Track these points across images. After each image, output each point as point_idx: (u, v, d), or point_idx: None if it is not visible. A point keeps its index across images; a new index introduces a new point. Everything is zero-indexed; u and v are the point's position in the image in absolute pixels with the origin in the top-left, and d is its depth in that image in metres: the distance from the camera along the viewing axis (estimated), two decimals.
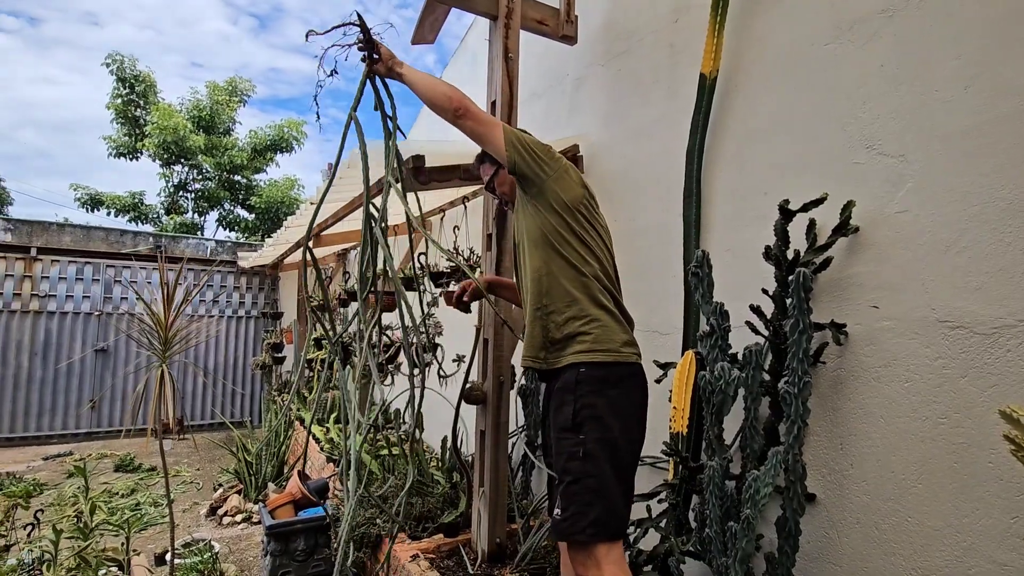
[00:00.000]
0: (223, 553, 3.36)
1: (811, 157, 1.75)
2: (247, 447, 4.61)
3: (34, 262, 6.92)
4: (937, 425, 1.41)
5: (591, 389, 1.47)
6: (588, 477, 1.41)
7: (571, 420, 1.46)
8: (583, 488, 1.40)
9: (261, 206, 12.57)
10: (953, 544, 1.36)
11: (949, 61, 1.43)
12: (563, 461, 1.46)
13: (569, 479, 1.43)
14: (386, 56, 1.65)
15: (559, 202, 1.58)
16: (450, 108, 1.59)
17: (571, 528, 1.40)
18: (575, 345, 1.51)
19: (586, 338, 1.51)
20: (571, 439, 1.45)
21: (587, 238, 1.60)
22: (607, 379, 1.49)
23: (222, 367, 8.02)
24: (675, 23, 2.32)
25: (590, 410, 1.45)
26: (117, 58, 11.57)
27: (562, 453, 1.47)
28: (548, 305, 1.56)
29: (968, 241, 1.37)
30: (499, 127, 1.61)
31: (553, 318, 1.54)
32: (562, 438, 1.48)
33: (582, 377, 1.48)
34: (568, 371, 1.51)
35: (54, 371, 6.93)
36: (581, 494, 1.40)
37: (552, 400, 1.58)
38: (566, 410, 1.48)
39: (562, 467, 1.46)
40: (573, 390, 1.48)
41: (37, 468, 5.67)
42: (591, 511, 1.39)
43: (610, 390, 1.48)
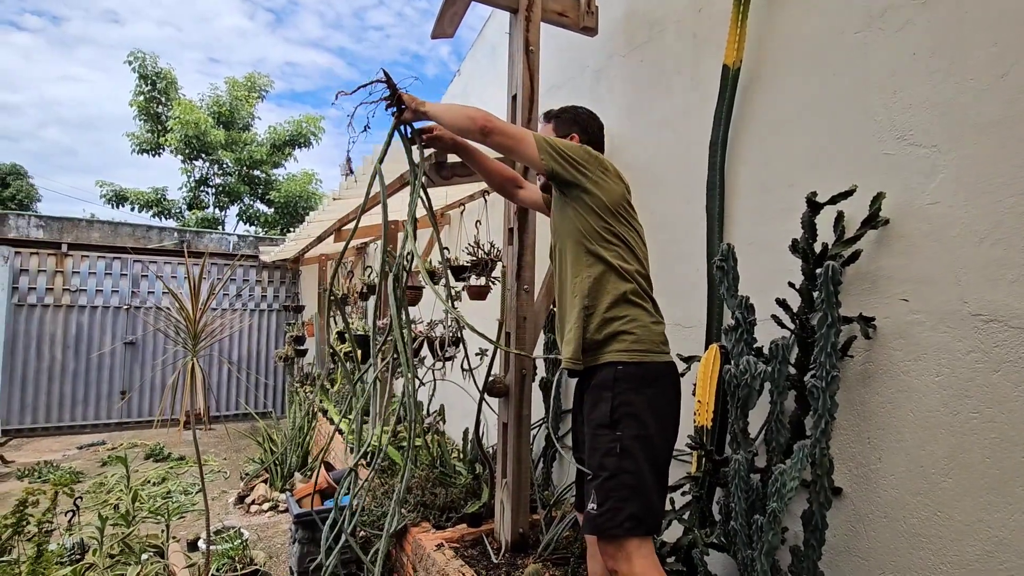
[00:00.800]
0: (252, 540, 3.46)
1: (839, 148, 1.73)
2: (273, 438, 4.72)
3: (65, 258, 7.12)
4: (969, 420, 1.39)
5: (629, 387, 1.48)
6: (624, 473, 1.42)
7: (608, 417, 1.47)
8: (619, 484, 1.42)
9: (280, 200, 12.74)
10: (984, 539, 1.35)
11: (985, 49, 1.39)
12: (599, 457, 1.47)
13: (605, 475, 1.44)
14: (409, 101, 1.72)
15: (600, 204, 1.59)
16: (475, 128, 1.61)
17: (607, 523, 1.41)
18: (615, 344, 1.52)
19: (627, 337, 1.51)
20: (607, 435, 1.46)
21: (628, 237, 1.61)
22: (645, 377, 1.50)
23: (245, 359, 8.19)
24: (698, 12, 2.29)
25: (627, 407, 1.46)
26: (139, 56, 11.78)
27: (598, 449, 1.48)
28: (590, 307, 1.55)
29: (1003, 233, 1.34)
30: (529, 136, 1.61)
31: (594, 319, 1.54)
32: (598, 434, 1.49)
33: (620, 374, 1.49)
34: (605, 368, 1.52)
35: (86, 363, 7.15)
36: (617, 489, 1.41)
37: (587, 397, 1.58)
38: (603, 407, 1.49)
39: (598, 463, 1.47)
40: (611, 387, 1.49)
41: (72, 457, 5.87)
42: (627, 506, 1.40)
43: (647, 388, 1.49)
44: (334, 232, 4.97)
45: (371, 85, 1.69)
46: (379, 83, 1.69)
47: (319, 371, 6.35)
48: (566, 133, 1.84)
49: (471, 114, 1.63)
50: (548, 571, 2.16)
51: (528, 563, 2.23)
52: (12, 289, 6.77)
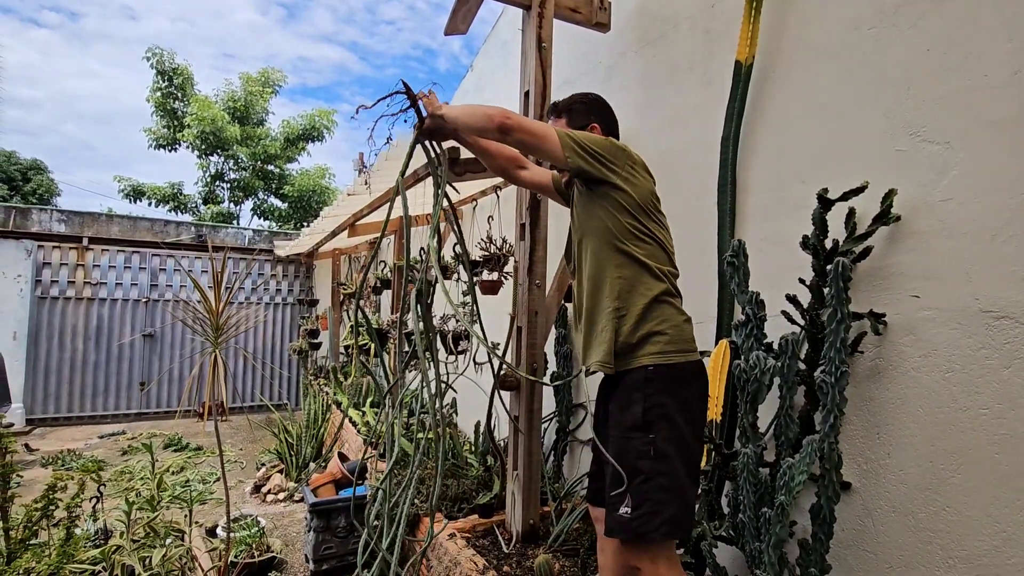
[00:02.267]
0: (268, 528, 3.54)
1: (851, 145, 1.73)
2: (288, 429, 4.81)
3: (86, 251, 7.28)
4: (978, 416, 1.40)
5: (661, 388, 1.44)
6: (661, 475, 1.38)
7: (641, 419, 1.42)
8: (655, 486, 1.37)
9: (294, 195, 12.86)
10: (992, 534, 1.36)
11: (1001, 45, 1.39)
12: (632, 459, 1.41)
13: (640, 478, 1.38)
14: (426, 105, 1.68)
15: (630, 201, 1.53)
16: (492, 127, 1.53)
17: (643, 527, 1.36)
18: (649, 346, 1.47)
19: (661, 338, 1.47)
20: (640, 438, 1.41)
21: (659, 235, 1.56)
22: (677, 378, 1.45)
23: (261, 352, 8.33)
24: (711, 8, 2.29)
25: (660, 409, 1.42)
26: (156, 51, 11.92)
27: (630, 452, 1.42)
28: (622, 308, 1.49)
29: (1015, 230, 1.34)
30: (552, 132, 1.53)
31: (627, 321, 1.48)
32: (630, 437, 1.43)
33: (651, 375, 1.44)
34: (636, 370, 1.46)
35: (106, 355, 7.32)
36: (653, 492, 1.37)
37: (615, 398, 1.52)
38: (635, 409, 1.43)
39: (632, 465, 1.40)
40: (642, 388, 1.44)
41: (94, 445, 6.03)
42: (664, 510, 1.36)
43: (680, 389, 1.45)
44: (348, 227, 5.03)
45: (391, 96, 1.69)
46: (399, 94, 1.69)
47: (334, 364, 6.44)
48: (584, 124, 1.72)
49: (488, 112, 1.55)
50: (558, 562, 2.19)
51: (538, 553, 2.27)
52: (35, 282, 6.94)
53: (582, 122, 1.72)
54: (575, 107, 1.76)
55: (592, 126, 1.72)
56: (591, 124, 1.72)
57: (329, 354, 7.19)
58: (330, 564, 2.93)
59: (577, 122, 1.72)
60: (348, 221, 5.01)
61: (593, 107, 1.77)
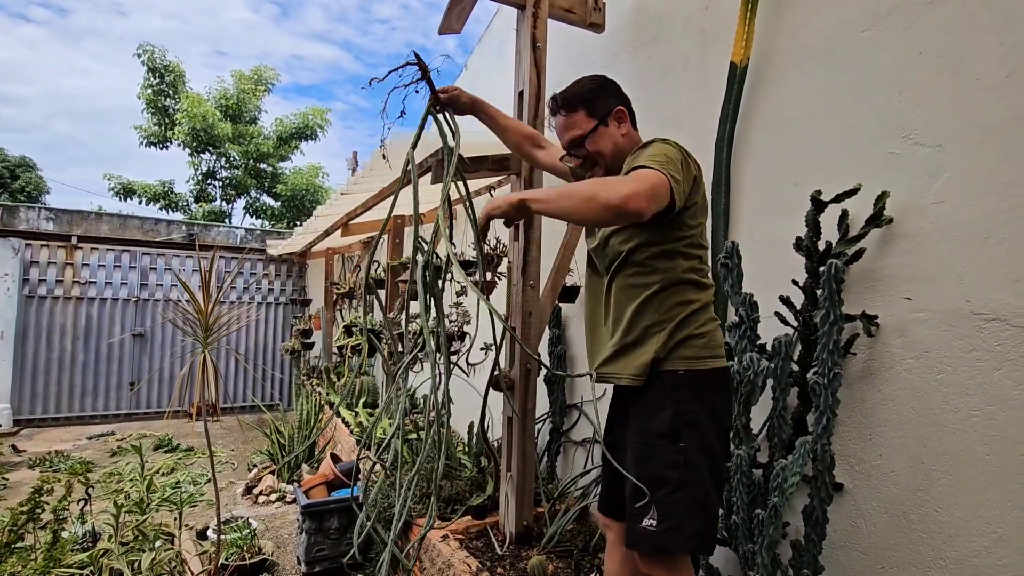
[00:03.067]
0: (260, 530, 3.51)
1: (844, 147, 1.74)
2: (280, 430, 4.77)
3: (75, 250, 7.20)
4: (969, 417, 1.41)
5: (691, 394, 1.36)
6: (689, 486, 1.30)
7: (669, 426, 1.33)
8: (683, 498, 1.29)
9: (286, 194, 12.80)
10: (983, 535, 1.37)
11: (993, 48, 1.40)
12: (658, 468, 1.33)
13: (668, 488, 1.30)
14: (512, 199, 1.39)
15: (691, 216, 1.40)
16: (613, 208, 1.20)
17: (670, 540, 1.28)
18: (684, 350, 1.38)
19: (697, 342, 1.38)
20: (668, 446, 1.33)
21: (702, 243, 1.46)
22: (706, 384, 1.37)
23: (252, 352, 8.27)
24: (706, 9, 2.29)
25: (689, 416, 1.33)
26: (148, 48, 11.83)
27: (655, 459, 1.34)
28: (665, 322, 1.38)
29: (1007, 233, 1.35)
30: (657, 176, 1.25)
31: (667, 333, 1.37)
32: (657, 444, 1.35)
33: (682, 380, 1.36)
34: (666, 374, 1.37)
35: (95, 354, 7.24)
36: (681, 504, 1.29)
37: (638, 403, 1.42)
38: (663, 415, 1.35)
39: (657, 475, 1.32)
40: (671, 394, 1.36)
41: (83, 447, 5.96)
42: (691, 523, 1.29)
43: (710, 395, 1.37)
44: (341, 226, 5.00)
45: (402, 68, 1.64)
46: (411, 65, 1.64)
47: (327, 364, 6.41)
48: (607, 112, 1.50)
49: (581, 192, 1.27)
50: (552, 563, 2.19)
51: (532, 555, 2.26)
52: (23, 281, 6.85)
53: (606, 109, 1.50)
54: (592, 95, 1.51)
55: (618, 109, 1.51)
56: (616, 108, 1.51)
57: (322, 354, 7.15)
58: (322, 566, 2.91)
59: (599, 111, 1.49)
60: (341, 220, 4.98)
61: (610, 89, 1.55)
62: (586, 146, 1.50)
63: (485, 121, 1.85)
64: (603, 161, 1.51)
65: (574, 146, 1.52)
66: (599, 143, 1.50)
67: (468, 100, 1.78)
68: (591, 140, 1.50)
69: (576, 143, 1.51)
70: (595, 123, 1.49)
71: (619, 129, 1.51)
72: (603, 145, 1.50)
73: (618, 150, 1.50)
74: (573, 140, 1.52)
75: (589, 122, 1.50)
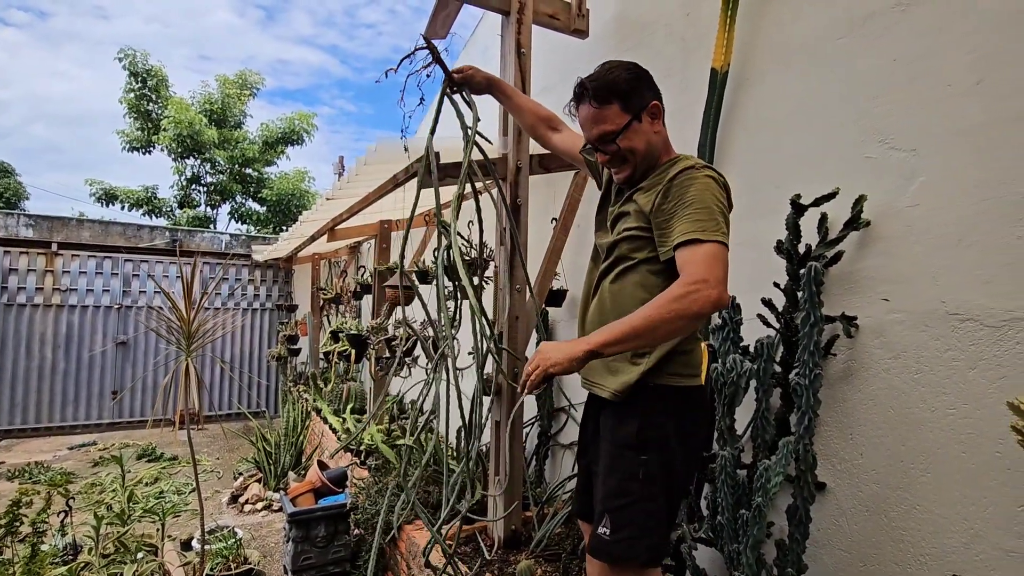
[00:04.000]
0: (246, 539, 3.46)
1: (823, 151, 1.77)
2: (266, 437, 4.72)
3: (55, 257, 7.08)
4: (946, 416, 1.44)
5: (662, 408, 1.34)
6: (647, 501, 1.29)
7: (635, 437, 1.32)
8: (640, 512, 1.29)
9: (272, 199, 12.69)
10: (961, 531, 1.40)
11: (963, 56, 1.44)
12: (619, 479, 1.32)
13: (625, 500, 1.30)
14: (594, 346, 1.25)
15: None
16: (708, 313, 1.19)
17: (626, 552, 1.29)
18: (665, 366, 1.34)
19: (679, 359, 1.35)
20: (632, 457, 1.32)
21: None
22: (682, 401, 1.35)
23: (238, 358, 8.18)
24: (687, 16, 2.32)
25: (657, 430, 1.32)
26: (129, 52, 11.68)
27: (618, 469, 1.33)
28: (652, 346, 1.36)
29: (979, 235, 1.39)
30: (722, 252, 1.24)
31: (654, 355, 1.34)
32: (622, 454, 1.34)
33: (653, 394, 1.34)
34: (639, 387, 1.35)
35: (76, 363, 7.11)
36: (637, 517, 1.29)
37: (608, 411, 1.42)
38: (630, 426, 1.33)
39: (617, 485, 1.32)
40: (641, 405, 1.34)
41: (63, 457, 5.84)
42: (646, 537, 1.29)
43: (682, 412, 1.35)
44: (327, 231, 4.97)
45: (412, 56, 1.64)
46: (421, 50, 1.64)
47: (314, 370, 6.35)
48: (643, 106, 1.38)
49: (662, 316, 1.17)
50: (540, 567, 2.19)
51: (520, 559, 2.26)
52: (1, 289, 6.72)
53: (641, 104, 1.38)
54: (629, 87, 1.37)
55: (653, 104, 1.40)
56: (652, 103, 1.40)
57: (309, 360, 7.09)
58: (309, 575, 2.88)
59: (635, 106, 1.37)
60: (327, 225, 4.94)
61: (645, 80, 1.41)
62: (618, 143, 1.37)
63: (501, 100, 1.83)
64: (633, 160, 1.40)
65: (604, 142, 1.39)
66: (633, 140, 1.37)
67: (484, 79, 1.75)
68: (624, 137, 1.36)
69: (608, 139, 1.38)
70: (629, 118, 1.36)
71: (652, 126, 1.40)
72: (636, 143, 1.38)
73: (651, 149, 1.40)
74: (604, 135, 1.38)
75: (623, 117, 1.36)
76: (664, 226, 1.31)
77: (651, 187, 1.37)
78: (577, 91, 1.42)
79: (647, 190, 1.38)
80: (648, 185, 1.39)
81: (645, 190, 1.38)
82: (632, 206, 1.41)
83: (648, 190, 1.37)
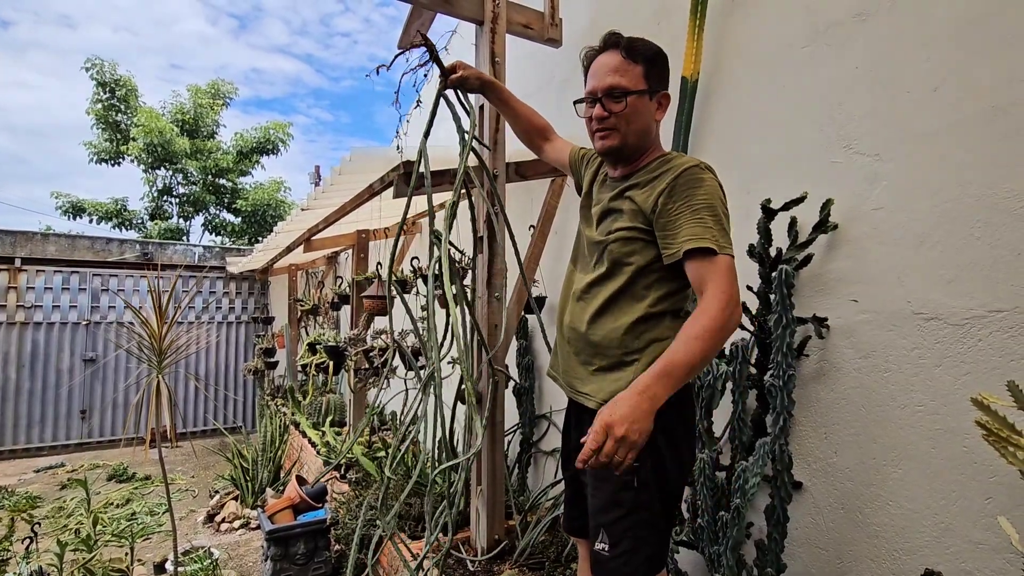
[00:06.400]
0: (223, 559, 3.37)
1: (791, 157, 1.81)
2: (243, 453, 4.61)
3: (19, 272, 6.84)
4: (914, 413, 1.47)
5: None
6: (642, 510, 1.25)
7: None
8: (636, 522, 1.25)
9: (247, 209, 12.49)
10: (932, 525, 1.43)
11: (920, 63, 1.49)
12: (610, 491, 1.28)
13: (620, 512, 1.26)
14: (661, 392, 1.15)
15: None
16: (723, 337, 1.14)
17: (624, 567, 1.24)
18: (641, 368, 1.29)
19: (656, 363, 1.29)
20: None
21: None
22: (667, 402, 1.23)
23: (213, 373, 7.99)
24: (657, 26, 2.37)
25: None
26: (96, 62, 11.42)
27: (608, 481, 1.28)
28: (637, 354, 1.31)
29: (940, 236, 1.43)
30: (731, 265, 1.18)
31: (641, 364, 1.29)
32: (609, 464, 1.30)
33: None
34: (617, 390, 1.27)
35: (42, 382, 6.87)
36: (634, 528, 1.25)
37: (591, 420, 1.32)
38: None
39: (609, 497, 1.28)
40: None
41: (29, 481, 5.62)
42: (644, 547, 1.25)
43: (667, 413, 1.23)
44: (303, 242, 4.91)
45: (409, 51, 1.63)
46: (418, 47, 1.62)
47: (292, 383, 6.24)
48: (659, 89, 1.36)
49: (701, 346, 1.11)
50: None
51: (504, 569, 2.24)
52: None
53: (660, 85, 1.36)
54: (659, 61, 1.36)
55: (665, 93, 1.38)
56: (666, 92, 1.38)
57: (287, 373, 6.96)
58: None
59: (655, 82, 1.34)
60: (303, 236, 4.88)
61: (667, 69, 1.39)
62: (626, 102, 1.29)
63: (496, 104, 1.78)
64: (625, 131, 1.32)
65: (611, 96, 1.30)
66: (635, 113, 1.31)
67: (477, 81, 1.72)
68: (631, 104, 1.30)
69: (617, 94, 1.29)
70: (646, 88, 1.31)
71: (656, 113, 1.36)
72: (635, 119, 1.31)
73: (644, 133, 1.34)
74: (616, 88, 1.29)
75: (641, 82, 1.31)
76: (670, 227, 1.23)
77: (648, 183, 1.30)
78: (609, 38, 1.35)
79: (643, 187, 1.31)
80: (644, 181, 1.31)
81: (641, 187, 1.31)
82: (626, 204, 1.33)
83: (645, 187, 1.30)
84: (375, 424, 4.43)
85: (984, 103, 1.36)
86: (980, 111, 1.36)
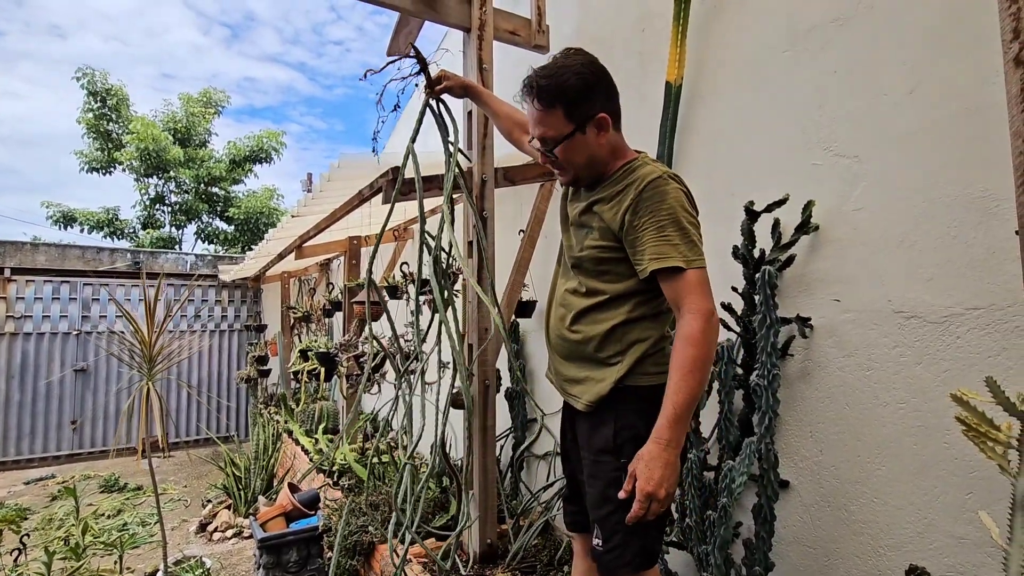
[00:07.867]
0: (215, 569, 3.35)
1: (773, 159, 1.84)
2: (235, 462, 4.59)
3: (8, 283, 6.79)
4: (896, 410, 1.49)
5: (632, 408, 1.32)
6: (630, 503, 1.24)
7: (611, 442, 1.32)
8: (624, 517, 1.24)
9: (240, 217, 12.47)
10: (915, 521, 1.45)
11: (896, 66, 1.52)
12: (602, 487, 1.32)
13: (610, 508, 1.29)
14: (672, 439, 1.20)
15: None
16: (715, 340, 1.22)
17: (616, 560, 1.28)
18: (643, 366, 1.34)
19: (648, 360, 1.34)
20: (610, 463, 1.31)
21: None
22: (651, 399, 1.27)
23: (206, 382, 7.95)
24: (642, 32, 2.40)
25: (631, 431, 1.30)
26: (88, 72, 11.41)
27: (600, 477, 1.33)
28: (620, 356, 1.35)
29: (918, 235, 1.46)
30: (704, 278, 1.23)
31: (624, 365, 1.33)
32: (601, 461, 1.34)
33: (623, 395, 1.33)
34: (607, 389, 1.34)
35: (32, 393, 6.81)
36: (622, 524, 1.25)
37: (582, 417, 1.42)
38: (605, 431, 1.33)
39: (601, 493, 1.32)
40: (613, 408, 1.33)
41: (19, 493, 5.56)
42: (635, 540, 1.28)
43: (653, 410, 1.26)
44: (295, 249, 4.91)
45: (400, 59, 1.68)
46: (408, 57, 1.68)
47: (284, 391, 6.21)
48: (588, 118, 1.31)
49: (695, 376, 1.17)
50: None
51: (497, 573, 2.24)
52: None
53: (587, 115, 1.31)
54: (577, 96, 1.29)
55: (600, 117, 1.31)
56: (599, 115, 1.31)
57: (280, 381, 6.93)
58: None
59: (579, 116, 1.30)
60: (295, 243, 4.88)
61: (597, 89, 1.32)
62: (556, 152, 1.35)
63: (480, 105, 1.92)
64: (572, 170, 1.38)
65: (544, 144, 1.36)
66: (573, 152, 1.34)
67: (461, 89, 1.86)
68: (564, 147, 1.33)
69: (547, 144, 1.35)
70: (572, 129, 1.31)
71: (598, 138, 1.34)
72: (576, 156, 1.35)
73: (593, 161, 1.36)
74: (543, 139, 1.35)
75: (566, 126, 1.31)
76: (638, 244, 1.27)
77: (613, 198, 1.32)
78: (525, 86, 1.35)
79: (608, 201, 1.33)
80: (609, 196, 1.34)
81: (606, 201, 1.34)
82: (595, 220, 1.36)
83: (610, 201, 1.33)
84: (368, 430, 4.42)
85: (958, 104, 1.38)
86: (954, 112, 1.39)
